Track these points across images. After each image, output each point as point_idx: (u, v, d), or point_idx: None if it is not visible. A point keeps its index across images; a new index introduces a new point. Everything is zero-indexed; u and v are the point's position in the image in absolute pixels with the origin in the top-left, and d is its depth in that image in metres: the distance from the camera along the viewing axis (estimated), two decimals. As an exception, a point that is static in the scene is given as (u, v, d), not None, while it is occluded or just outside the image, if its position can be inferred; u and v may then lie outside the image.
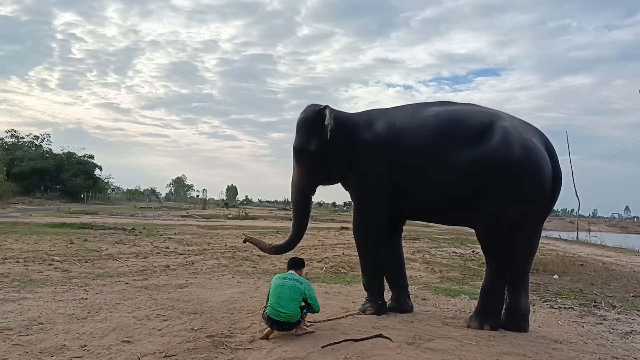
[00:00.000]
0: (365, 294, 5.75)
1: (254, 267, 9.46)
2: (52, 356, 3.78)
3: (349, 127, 5.63)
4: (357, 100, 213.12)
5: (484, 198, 4.97)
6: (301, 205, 5.92)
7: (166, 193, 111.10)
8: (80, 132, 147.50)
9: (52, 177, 50.26)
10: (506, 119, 5.16)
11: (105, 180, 64.01)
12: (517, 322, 5.17)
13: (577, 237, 29.50)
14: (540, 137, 5.16)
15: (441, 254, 13.82)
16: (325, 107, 5.66)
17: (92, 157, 56.83)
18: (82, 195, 51.39)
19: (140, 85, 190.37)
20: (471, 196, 5.03)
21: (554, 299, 7.32)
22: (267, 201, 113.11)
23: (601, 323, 5.84)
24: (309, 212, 6.13)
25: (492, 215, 4.99)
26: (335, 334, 4.54)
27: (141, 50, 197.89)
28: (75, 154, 54.65)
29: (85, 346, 4.02)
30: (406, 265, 6.32)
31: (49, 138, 55.50)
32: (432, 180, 5.18)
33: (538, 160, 4.91)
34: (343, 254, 12.17)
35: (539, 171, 4.90)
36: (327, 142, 5.42)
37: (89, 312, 5.12)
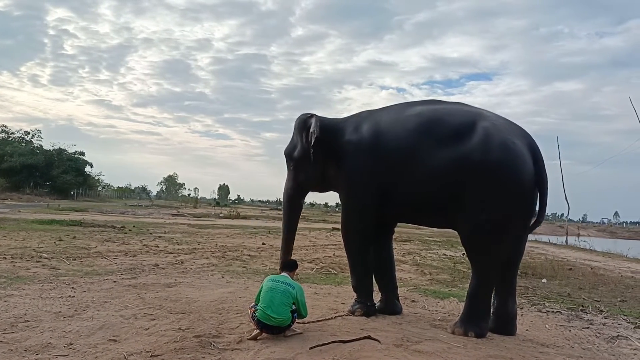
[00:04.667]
0: (355, 295, 5.75)
1: (244, 267, 9.44)
2: (37, 354, 3.74)
3: (336, 132, 5.69)
4: (350, 101, 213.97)
5: (464, 200, 4.87)
6: (287, 208, 6.16)
7: (157, 191, 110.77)
8: (71, 129, 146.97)
9: (42, 173, 49.91)
10: (490, 119, 5.05)
11: (96, 178, 63.82)
12: (504, 325, 5.16)
13: (567, 242, 29.66)
14: (524, 138, 5.02)
15: (431, 256, 13.87)
16: (312, 115, 5.79)
17: (82, 153, 56.60)
18: (72, 192, 51.08)
19: (133, 83, 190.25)
20: (451, 198, 4.94)
21: (542, 302, 7.36)
22: (260, 201, 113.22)
23: (588, 327, 5.87)
24: (296, 217, 6.25)
25: (472, 218, 4.87)
26: (324, 335, 4.53)
27: (134, 47, 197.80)
28: (65, 150, 54.40)
29: (71, 344, 3.98)
30: (396, 267, 6.32)
31: (39, 134, 55.37)
32: (414, 181, 5.12)
33: (517, 161, 4.78)
34: (334, 255, 12.18)
35: (518, 172, 4.77)
36: (310, 151, 5.58)
37: (75, 310, 5.08)
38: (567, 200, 29.59)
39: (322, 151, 5.62)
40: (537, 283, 9.49)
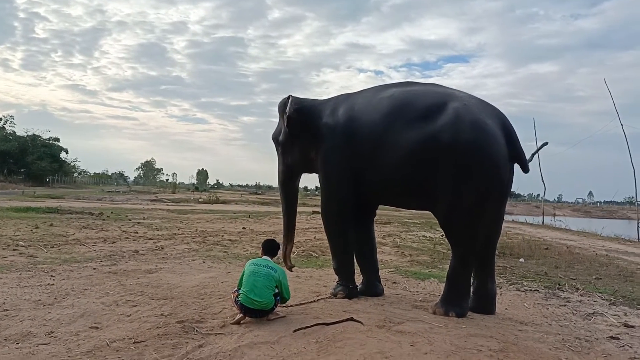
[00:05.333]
0: (336, 278, 5.78)
1: (225, 251, 9.41)
2: (17, 343, 3.69)
3: (315, 113, 5.71)
4: (328, 84, 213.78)
5: (437, 182, 4.88)
6: (282, 192, 6.19)
7: (135, 177, 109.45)
8: (45, 114, 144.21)
9: (16, 160, 48.94)
10: (461, 99, 5.01)
11: (72, 164, 62.72)
12: (484, 304, 5.25)
13: (543, 222, 30.21)
14: (497, 117, 5.00)
15: (411, 238, 14.00)
16: (288, 97, 5.82)
17: (57, 139, 55.60)
18: (47, 179, 50.24)
19: (107, 67, 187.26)
20: (425, 180, 4.94)
21: (520, 281, 7.51)
22: (239, 185, 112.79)
23: (565, 305, 6.01)
24: (294, 200, 6.24)
25: (447, 200, 4.88)
26: (307, 318, 4.57)
27: (108, 30, 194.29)
28: (40, 136, 53.34)
29: (52, 332, 3.94)
30: (377, 249, 6.37)
31: (12, 120, 54.21)
32: (387, 163, 5.11)
33: (488, 140, 4.76)
34: (315, 238, 12.22)
35: (490, 152, 4.75)
36: (288, 131, 5.63)
37: (55, 298, 5.01)
38: (543, 181, 30.11)
39: (300, 132, 5.66)
40: (515, 263, 9.66)
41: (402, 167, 5.02)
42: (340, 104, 5.69)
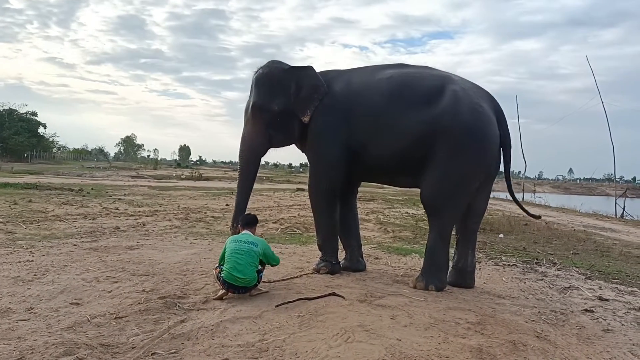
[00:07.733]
0: (320, 253, 5.81)
1: (208, 228, 9.38)
2: (-4, 320, 3.66)
3: None
4: (312, 60, 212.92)
5: (432, 161, 5.04)
6: (251, 164, 5.86)
7: (115, 153, 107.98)
8: (22, 88, 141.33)
9: (-8, 135, 47.97)
10: (458, 82, 5.21)
11: (50, 139, 61.62)
12: (463, 278, 5.37)
13: (523, 198, 30.56)
14: (491, 102, 5.26)
15: (394, 215, 14.10)
16: (308, 66, 5.67)
17: (35, 114, 54.61)
18: (25, 154, 49.40)
19: (85, 39, 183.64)
20: (420, 159, 5.09)
21: (498, 256, 7.65)
22: (222, 162, 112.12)
23: (542, 279, 6.14)
24: (256, 173, 6.03)
25: (435, 174, 5.04)
26: (290, 293, 4.61)
27: (85, 1, 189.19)
28: (16, 110, 52.33)
29: (32, 309, 3.91)
30: (360, 226, 6.41)
31: (-13, 94, 52.96)
32: (384, 143, 5.21)
33: (484, 124, 5.01)
34: (298, 214, 12.25)
35: (484, 135, 5.00)
36: (309, 105, 5.47)
37: (35, 275, 4.96)
38: (524, 158, 30.40)
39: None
40: (494, 238, 9.82)
41: (401, 146, 5.14)
42: (334, 80, 5.63)
